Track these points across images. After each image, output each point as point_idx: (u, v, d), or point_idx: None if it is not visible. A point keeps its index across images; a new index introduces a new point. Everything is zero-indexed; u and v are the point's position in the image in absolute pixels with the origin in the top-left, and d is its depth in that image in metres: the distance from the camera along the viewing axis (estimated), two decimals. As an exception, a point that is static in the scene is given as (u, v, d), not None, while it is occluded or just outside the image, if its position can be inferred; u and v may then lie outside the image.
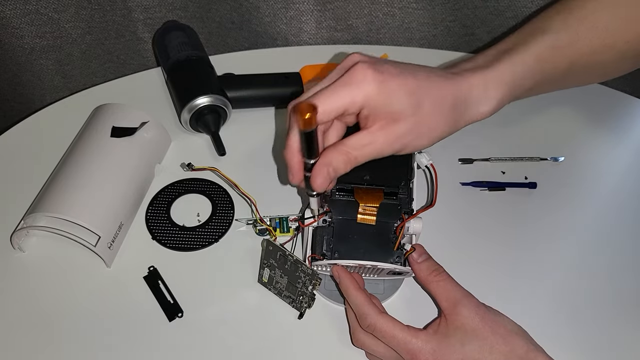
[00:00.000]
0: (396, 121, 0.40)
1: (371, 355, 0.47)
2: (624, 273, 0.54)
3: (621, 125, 0.68)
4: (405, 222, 0.46)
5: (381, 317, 0.44)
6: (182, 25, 0.70)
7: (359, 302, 0.45)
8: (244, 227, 0.56)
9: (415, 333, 0.43)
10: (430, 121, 0.41)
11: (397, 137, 0.40)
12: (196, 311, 0.50)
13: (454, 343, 0.42)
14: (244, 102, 0.66)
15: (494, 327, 0.42)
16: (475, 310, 0.43)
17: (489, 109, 0.44)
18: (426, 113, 0.41)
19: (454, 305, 0.43)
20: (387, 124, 0.40)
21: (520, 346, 0.42)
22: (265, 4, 0.76)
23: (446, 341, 0.43)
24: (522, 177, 0.62)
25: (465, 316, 0.43)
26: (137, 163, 0.57)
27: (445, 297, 0.44)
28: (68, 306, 0.50)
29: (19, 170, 0.59)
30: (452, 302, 0.44)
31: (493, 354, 0.42)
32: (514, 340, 0.42)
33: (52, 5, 0.74)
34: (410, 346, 0.42)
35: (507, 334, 0.42)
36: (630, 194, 0.61)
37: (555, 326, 0.50)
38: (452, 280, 0.45)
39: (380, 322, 0.43)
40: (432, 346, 0.42)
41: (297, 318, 0.50)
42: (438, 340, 0.43)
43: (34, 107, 0.85)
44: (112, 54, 0.83)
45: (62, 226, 0.51)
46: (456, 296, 0.44)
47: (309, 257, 0.46)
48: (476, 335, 0.42)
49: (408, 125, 0.40)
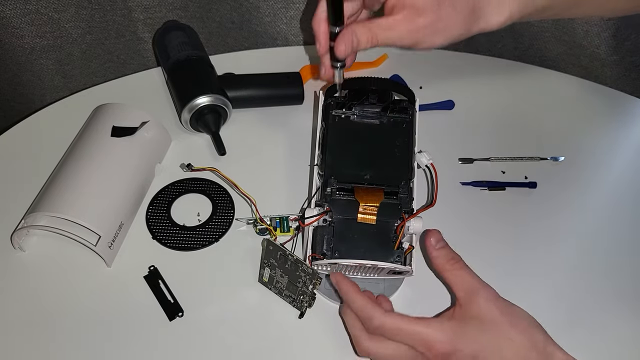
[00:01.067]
0: (419, 15, 0.44)
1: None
2: (623, 272, 0.54)
3: (621, 125, 0.68)
4: (405, 221, 0.46)
5: (388, 316, 0.42)
6: (182, 25, 0.70)
7: (362, 305, 0.43)
8: (244, 227, 0.56)
9: (427, 322, 0.42)
10: (448, 20, 0.45)
11: (417, 28, 0.45)
12: (196, 311, 0.50)
13: (471, 331, 0.41)
14: (244, 102, 0.66)
15: (512, 319, 0.42)
16: (494, 301, 0.42)
17: (500, 20, 0.47)
18: (446, 13, 0.45)
19: (471, 294, 0.43)
20: (410, 15, 0.44)
21: (539, 340, 0.41)
22: (266, 3, 0.76)
23: (462, 329, 0.41)
24: (522, 176, 0.62)
25: (483, 306, 0.42)
26: (137, 163, 0.57)
27: (462, 287, 0.44)
28: (69, 305, 0.50)
29: (19, 170, 0.59)
30: (470, 291, 0.43)
31: (512, 346, 0.41)
32: (532, 333, 0.42)
33: (53, 5, 0.74)
34: (424, 336, 0.41)
35: (526, 327, 0.42)
36: (630, 194, 0.61)
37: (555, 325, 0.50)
38: (470, 269, 0.45)
39: (389, 321, 0.42)
40: (447, 335, 0.41)
41: (298, 317, 0.50)
42: (453, 328, 0.42)
43: (34, 107, 0.85)
44: (112, 54, 0.83)
45: (63, 226, 0.51)
46: (474, 286, 0.43)
47: (309, 257, 0.46)
48: (494, 326, 0.41)
49: (428, 20, 0.44)
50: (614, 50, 0.76)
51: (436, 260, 0.45)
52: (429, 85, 0.70)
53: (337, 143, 0.50)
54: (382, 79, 0.51)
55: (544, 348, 0.41)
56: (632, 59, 0.78)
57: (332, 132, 0.50)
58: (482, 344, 0.41)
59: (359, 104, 0.51)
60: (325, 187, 0.48)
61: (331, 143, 0.50)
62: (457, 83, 0.71)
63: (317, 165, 0.50)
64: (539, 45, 0.80)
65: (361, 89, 0.51)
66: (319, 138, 0.51)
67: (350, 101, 0.51)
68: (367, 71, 0.71)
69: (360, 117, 0.51)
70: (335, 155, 0.49)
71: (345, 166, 0.49)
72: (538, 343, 0.41)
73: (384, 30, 0.45)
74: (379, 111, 0.51)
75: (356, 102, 0.51)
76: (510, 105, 0.69)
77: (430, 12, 0.44)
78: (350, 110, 0.51)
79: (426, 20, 0.45)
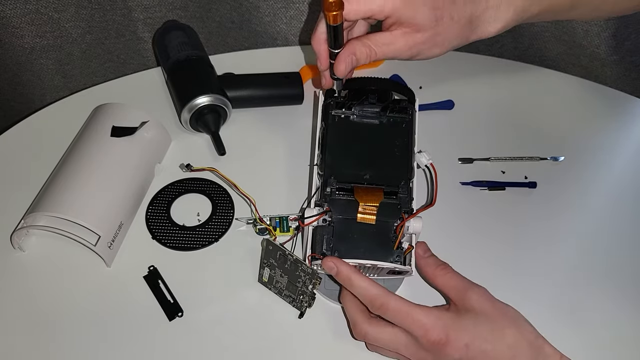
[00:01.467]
0: (417, 31, 0.46)
1: (373, 346, 0.47)
2: (623, 272, 0.54)
3: (621, 125, 0.68)
4: (405, 221, 0.46)
5: (392, 296, 0.44)
6: (182, 25, 0.70)
7: (365, 285, 0.44)
8: (244, 227, 0.56)
9: (428, 310, 0.43)
10: (446, 33, 0.47)
11: (415, 43, 0.46)
12: (196, 311, 0.50)
13: (466, 323, 0.43)
14: (244, 102, 0.66)
15: (504, 312, 0.43)
16: (485, 296, 0.44)
17: (498, 27, 0.49)
18: (444, 27, 0.46)
19: (464, 292, 0.44)
20: (409, 32, 0.46)
21: (530, 332, 0.43)
22: (265, 3, 0.76)
23: (458, 320, 0.43)
24: (522, 176, 0.62)
25: (476, 300, 0.43)
26: (137, 163, 0.57)
27: (453, 287, 0.45)
28: (68, 305, 0.50)
29: (19, 170, 0.59)
30: (462, 289, 0.44)
31: (504, 337, 0.42)
32: (523, 326, 0.43)
33: (53, 4, 0.74)
34: (423, 322, 0.42)
35: (517, 319, 0.43)
36: (630, 194, 0.61)
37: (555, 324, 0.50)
38: (459, 274, 0.46)
39: (393, 301, 0.43)
40: (443, 323, 0.42)
41: (298, 317, 0.50)
42: (450, 318, 0.43)
43: (34, 107, 0.85)
44: (112, 54, 0.83)
45: (62, 225, 0.51)
46: (465, 285, 0.45)
47: (309, 257, 0.46)
48: (487, 318, 0.43)
49: (427, 35, 0.46)
50: (614, 50, 0.76)
51: (425, 268, 0.47)
52: (428, 85, 0.70)
53: (336, 143, 0.50)
54: (382, 79, 0.51)
55: (534, 340, 0.43)
56: (632, 58, 0.78)
57: (331, 132, 0.50)
58: (475, 335, 0.42)
59: (359, 104, 0.51)
60: (325, 186, 0.48)
61: (331, 143, 0.50)
62: (457, 83, 0.71)
63: (316, 165, 0.50)
64: (539, 45, 0.80)
65: (361, 89, 0.51)
66: (318, 138, 0.51)
67: (350, 101, 0.51)
68: (366, 71, 0.71)
69: (360, 117, 0.51)
70: (334, 155, 0.49)
71: (344, 166, 0.49)
72: (529, 335, 0.43)
73: (383, 46, 0.46)
74: (378, 111, 0.51)
75: (356, 102, 0.51)
76: (510, 105, 0.69)
77: (428, 28, 0.46)
78: (350, 110, 0.51)
79: (424, 35, 0.46)
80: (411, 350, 0.44)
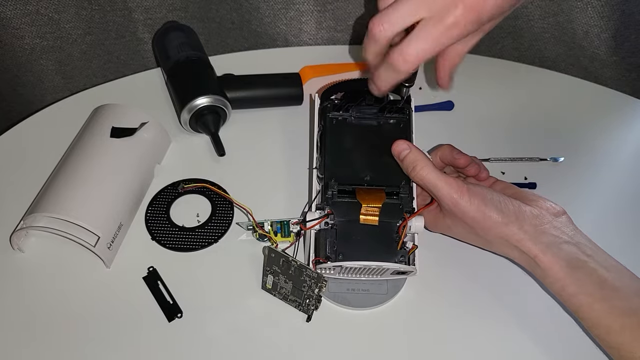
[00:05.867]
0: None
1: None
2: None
3: (621, 125, 0.68)
4: (407, 220, 0.46)
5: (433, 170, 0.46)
6: (182, 26, 0.70)
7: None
8: (244, 236, 0.55)
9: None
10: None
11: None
12: (195, 311, 0.50)
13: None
14: (244, 103, 0.66)
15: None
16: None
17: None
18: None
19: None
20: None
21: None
22: (265, 4, 0.76)
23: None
24: (522, 177, 0.61)
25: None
26: (136, 163, 0.56)
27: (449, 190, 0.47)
28: (67, 306, 0.50)
29: (19, 170, 0.59)
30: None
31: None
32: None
33: (53, 5, 0.74)
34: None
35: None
36: (630, 194, 0.61)
37: (554, 324, 0.50)
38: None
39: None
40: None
41: (305, 321, 0.49)
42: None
43: (34, 108, 0.85)
44: (112, 55, 0.83)
45: (62, 226, 0.51)
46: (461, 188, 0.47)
47: (313, 261, 0.46)
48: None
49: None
50: (613, 51, 0.76)
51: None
52: (428, 86, 0.70)
53: (335, 145, 0.50)
54: None
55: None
56: (631, 59, 0.78)
57: (330, 135, 0.50)
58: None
59: (356, 106, 0.51)
60: (326, 190, 0.47)
61: (330, 146, 0.50)
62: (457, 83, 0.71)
63: (315, 168, 0.50)
64: (539, 45, 0.80)
65: (357, 90, 0.51)
66: (316, 141, 0.51)
67: (347, 103, 0.51)
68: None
69: (358, 119, 0.51)
70: (334, 158, 0.49)
71: (344, 168, 0.49)
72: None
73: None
74: (376, 112, 0.51)
75: (353, 103, 0.50)
76: (510, 105, 0.69)
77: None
78: (347, 112, 0.51)
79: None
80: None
